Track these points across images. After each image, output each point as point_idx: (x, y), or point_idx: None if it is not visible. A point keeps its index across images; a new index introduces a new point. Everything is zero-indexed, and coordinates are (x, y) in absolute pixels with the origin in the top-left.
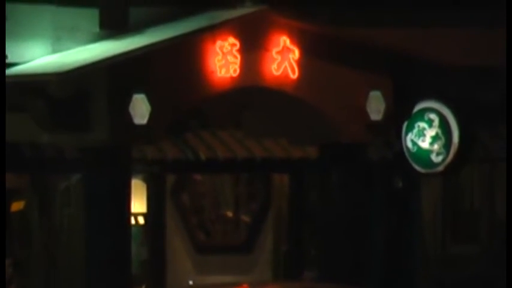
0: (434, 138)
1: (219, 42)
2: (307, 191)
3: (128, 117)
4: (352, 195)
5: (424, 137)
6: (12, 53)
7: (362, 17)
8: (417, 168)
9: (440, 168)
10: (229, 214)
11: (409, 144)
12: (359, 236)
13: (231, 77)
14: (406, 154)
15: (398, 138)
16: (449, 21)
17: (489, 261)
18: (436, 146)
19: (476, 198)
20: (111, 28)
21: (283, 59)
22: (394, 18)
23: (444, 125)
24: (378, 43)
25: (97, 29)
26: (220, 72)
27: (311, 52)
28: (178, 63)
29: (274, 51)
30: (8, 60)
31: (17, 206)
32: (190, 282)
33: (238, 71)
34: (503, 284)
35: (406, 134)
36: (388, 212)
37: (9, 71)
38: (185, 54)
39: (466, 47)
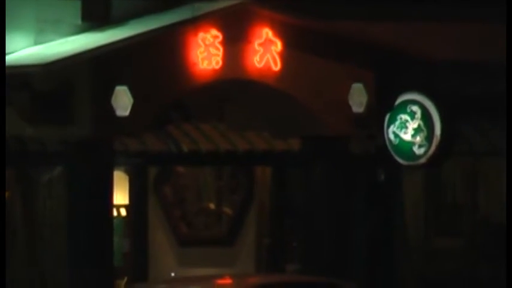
0: (417, 131)
1: (201, 34)
2: (289, 183)
3: (110, 109)
4: (334, 188)
5: (407, 129)
6: None
7: (347, 11)
8: (399, 160)
9: (423, 160)
10: (212, 207)
11: (392, 137)
12: (341, 229)
13: (213, 69)
14: (389, 146)
15: (381, 130)
16: (435, 16)
17: (471, 255)
18: (418, 138)
19: (458, 192)
20: (93, 20)
21: (266, 51)
22: (379, 12)
23: (426, 117)
24: (360, 36)
25: (79, 21)
26: (203, 64)
27: (293, 44)
28: (160, 55)
29: (256, 44)
30: None
31: None
32: (173, 275)
33: (220, 63)
34: (485, 276)
35: (389, 126)
36: (371, 205)
37: None
38: (167, 47)
39: (450, 41)
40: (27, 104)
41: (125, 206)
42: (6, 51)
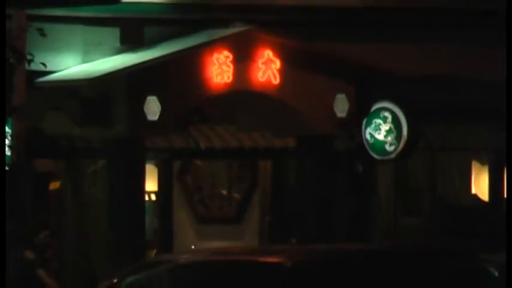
0: (388, 132)
1: (215, 55)
2: (286, 174)
3: (143, 115)
4: (322, 178)
5: (380, 131)
6: (50, 63)
7: (332, 35)
8: (374, 155)
9: (393, 155)
10: (224, 192)
11: (368, 137)
12: (327, 210)
13: (225, 83)
14: (365, 144)
15: (359, 131)
16: (403, 38)
17: (430, 230)
18: (389, 138)
19: (420, 180)
20: (130, 43)
21: (267, 68)
22: (358, 36)
23: (396, 121)
24: (343, 55)
25: (118, 44)
26: (217, 78)
27: (290, 62)
28: (183, 71)
29: (259, 62)
30: (46, 69)
31: (54, 185)
32: (193, 247)
33: (231, 77)
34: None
35: (365, 128)
36: (351, 192)
37: (48, 78)
38: (189, 64)
39: (415, 59)
40: (76, 110)
41: (155, 192)
42: (60, 69)
